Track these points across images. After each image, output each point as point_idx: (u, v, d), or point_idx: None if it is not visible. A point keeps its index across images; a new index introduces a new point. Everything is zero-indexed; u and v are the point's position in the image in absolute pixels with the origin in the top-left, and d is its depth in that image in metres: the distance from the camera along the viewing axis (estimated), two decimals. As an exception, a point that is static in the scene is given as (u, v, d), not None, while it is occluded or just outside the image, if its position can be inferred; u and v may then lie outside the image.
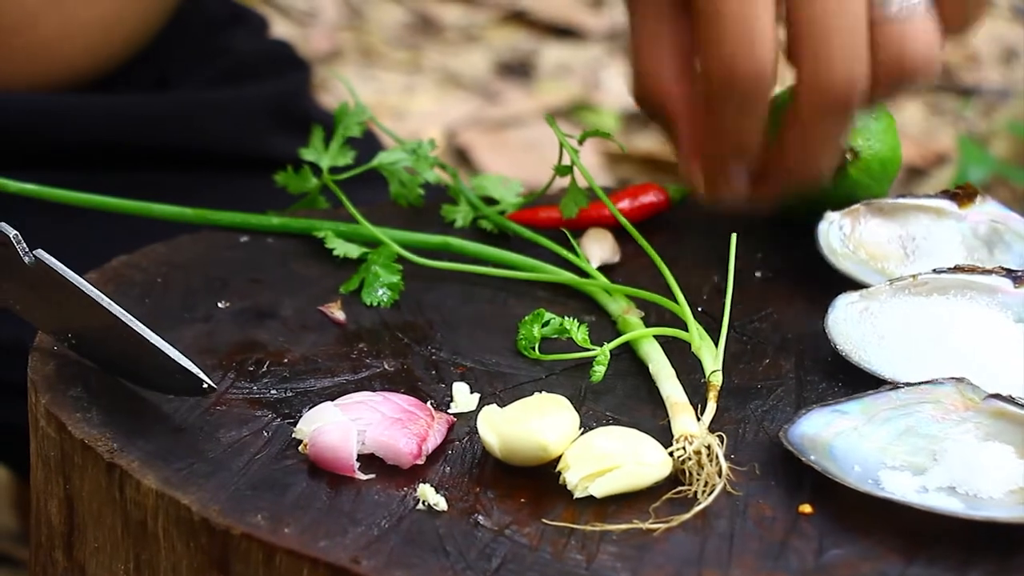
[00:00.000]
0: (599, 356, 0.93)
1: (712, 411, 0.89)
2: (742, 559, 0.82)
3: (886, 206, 1.06)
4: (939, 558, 0.83)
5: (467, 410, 0.92)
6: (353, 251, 1.05)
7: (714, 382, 0.92)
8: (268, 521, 0.83)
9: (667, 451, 0.87)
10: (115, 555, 0.88)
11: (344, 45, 3.08)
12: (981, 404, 0.90)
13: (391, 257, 1.03)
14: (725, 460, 0.86)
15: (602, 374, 0.93)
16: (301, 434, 0.89)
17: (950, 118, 2.89)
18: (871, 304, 0.99)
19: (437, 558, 0.82)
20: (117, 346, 0.92)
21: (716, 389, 0.91)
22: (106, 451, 0.88)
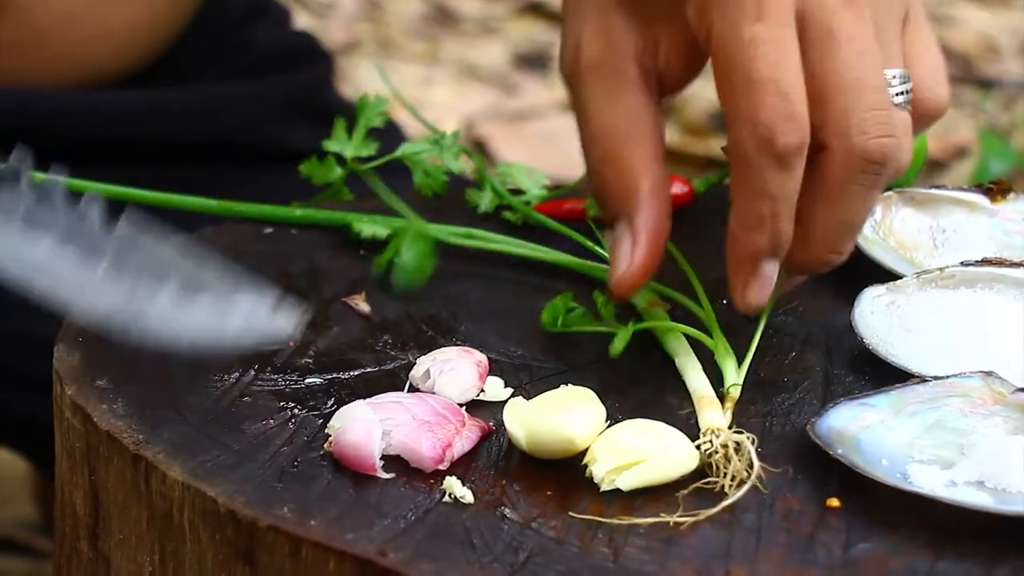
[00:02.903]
0: (621, 332, 0.92)
1: (728, 419, 0.89)
2: (769, 553, 0.82)
3: (918, 196, 1.06)
4: (968, 553, 0.83)
5: (497, 400, 0.92)
6: (381, 231, 1.05)
7: (732, 394, 0.91)
8: (294, 513, 0.83)
9: (694, 444, 0.87)
10: (140, 547, 0.88)
11: (362, 37, 3.08)
12: (1010, 398, 0.90)
13: (421, 233, 1.02)
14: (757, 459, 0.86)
15: (621, 348, 0.92)
16: (332, 430, 0.88)
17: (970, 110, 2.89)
18: (898, 297, 0.98)
19: (463, 551, 0.81)
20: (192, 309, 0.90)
21: (733, 401, 0.91)
22: (132, 442, 0.88)
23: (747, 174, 0.90)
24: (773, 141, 0.88)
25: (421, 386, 0.93)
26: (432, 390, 0.92)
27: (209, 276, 0.91)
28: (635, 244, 0.94)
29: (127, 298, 0.91)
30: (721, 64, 0.90)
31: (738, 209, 0.91)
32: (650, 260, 0.94)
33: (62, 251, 0.91)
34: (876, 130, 0.90)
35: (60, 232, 0.91)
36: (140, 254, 0.91)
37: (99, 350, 0.95)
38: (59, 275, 0.92)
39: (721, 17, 0.90)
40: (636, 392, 0.94)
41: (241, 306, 0.90)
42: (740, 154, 0.89)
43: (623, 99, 0.94)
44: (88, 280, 0.91)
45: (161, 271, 0.90)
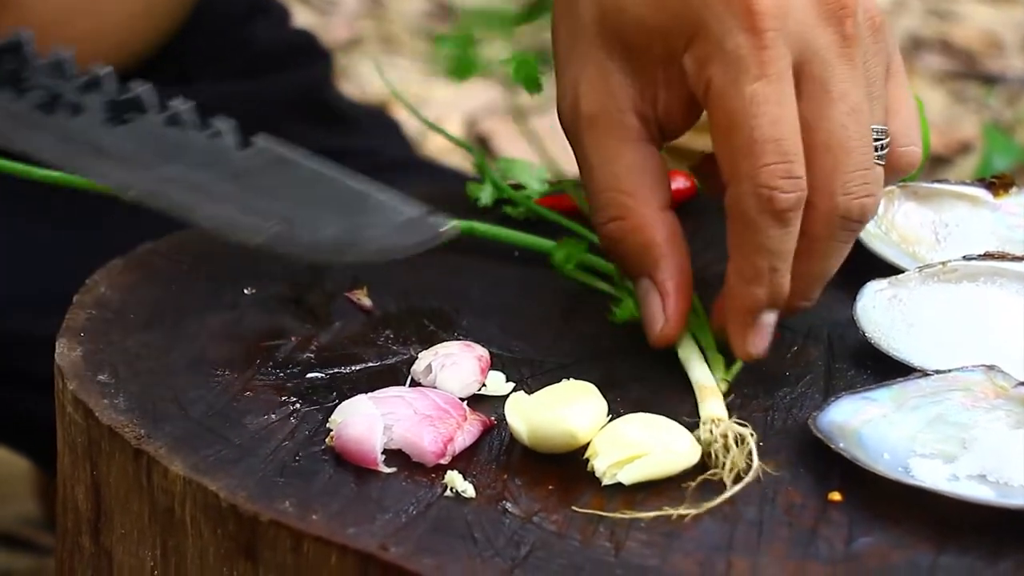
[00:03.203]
0: (627, 301, 0.93)
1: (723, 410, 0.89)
2: (771, 547, 0.82)
3: (921, 190, 1.06)
4: (970, 547, 0.83)
5: (498, 394, 0.92)
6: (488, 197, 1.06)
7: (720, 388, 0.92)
8: (296, 508, 0.83)
9: (694, 434, 0.87)
10: (142, 541, 0.88)
11: (364, 33, 3.08)
12: (1011, 391, 0.90)
13: None
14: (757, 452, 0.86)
15: (626, 315, 0.93)
16: (334, 424, 0.88)
17: (974, 106, 2.89)
18: (900, 291, 0.98)
19: (465, 545, 0.81)
20: (334, 219, 0.92)
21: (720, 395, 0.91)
22: (133, 437, 0.88)
23: (747, 231, 0.90)
24: (774, 200, 0.89)
25: (423, 380, 0.93)
26: (434, 384, 0.92)
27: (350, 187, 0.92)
28: (665, 300, 0.94)
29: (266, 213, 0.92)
30: (721, 121, 0.90)
31: (737, 264, 0.92)
32: (683, 309, 0.94)
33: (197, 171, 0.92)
34: (860, 190, 0.91)
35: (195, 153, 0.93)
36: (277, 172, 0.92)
37: (100, 345, 0.95)
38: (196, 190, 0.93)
39: (721, 73, 0.89)
40: (638, 386, 0.94)
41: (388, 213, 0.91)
42: (740, 211, 0.90)
43: (625, 153, 0.94)
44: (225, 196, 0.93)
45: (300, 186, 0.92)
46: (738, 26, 0.89)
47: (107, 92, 0.93)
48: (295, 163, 0.92)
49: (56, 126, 0.93)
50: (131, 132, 0.93)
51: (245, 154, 0.93)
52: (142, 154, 0.93)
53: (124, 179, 0.94)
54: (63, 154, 0.94)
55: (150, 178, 0.93)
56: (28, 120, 0.93)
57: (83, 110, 0.93)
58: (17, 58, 0.93)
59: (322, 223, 0.92)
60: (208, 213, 0.93)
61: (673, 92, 0.93)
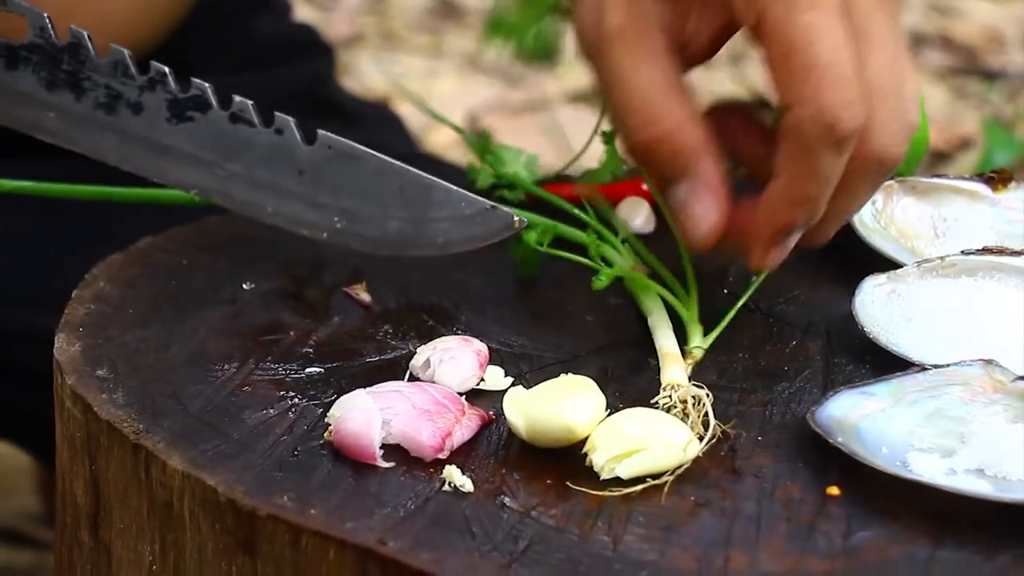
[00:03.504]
0: (604, 271, 0.94)
1: (687, 372, 0.91)
2: (769, 541, 0.82)
3: (920, 185, 1.06)
4: (968, 541, 0.83)
5: (497, 389, 0.92)
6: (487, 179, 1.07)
7: (694, 354, 0.93)
8: (294, 502, 0.83)
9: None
10: (141, 536, 0.88)
11: (366, 29, 3.08)
12: (1009, 386, 0.90)
13: None
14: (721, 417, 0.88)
15: (603, 285, 0.95)
16: (333, 419, 0.89)
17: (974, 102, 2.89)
18: (898, 286, 0.98)
19: (463, 539, 0.81)
20: (398, 212, 0.92)
21: (694, 360, 0.93)
22: (132, 432, 0.88)
23: (803, 155, 0.90)
24: (835, 126, 0.89)
25: (421, 375, 0.93)
26: (432, 379, 0.92)
27: (415, 180, 0.93)
28: (710, 198, 0.93)
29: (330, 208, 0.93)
30: (779, 49, 0.90)
31: (786, 185, 0.91)
32: (726, 209, 0.94)
33: (260, 168, 0.93)
34: (896, 137, 0.91)
35: (258, 150, 0.93)
36: (342, 166, 0.93)
37: (99, 340, 0.95)
38: (260, 187, 0.94)
39: (773, 3, 0.90)
40: (636, 381, 0.94)
41: (454, 205, 0.92)
42: (799, 136, 0.90)
43: (655, 63, 0.93)
44: (290, 192, 0.93)
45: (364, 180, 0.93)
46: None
47: (169, 90, 0.93)
48: (360, 157, 0.93)
49: (118, 126, 0.94)
50: (194, 130, 0.94)
51: (309, 150, 0.93)
52: (205, 152, 0.93)
53: (187, 178, 0.95)
54: (125, 154, 0.95)
55: (213, 176, 0.94)
56: (90, 120, 0.94)
57: (144, 109, 0.93)
58: (76, 59, 0.93)
59: (386, 217, 0.92)
60: (272, 210, 0.94)
61: (705, 19, 0.94)
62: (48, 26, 0.94)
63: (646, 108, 0.93)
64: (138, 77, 0.93)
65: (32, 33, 0.94)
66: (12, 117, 0.95)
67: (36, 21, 0.94)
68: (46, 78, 0.94)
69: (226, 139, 0.94)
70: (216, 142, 0.93)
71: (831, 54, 0.89)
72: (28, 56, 0.94)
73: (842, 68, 0.89)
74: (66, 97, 0.94)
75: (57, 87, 0.93)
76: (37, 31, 0.94)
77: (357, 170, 0.93)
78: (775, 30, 0.90)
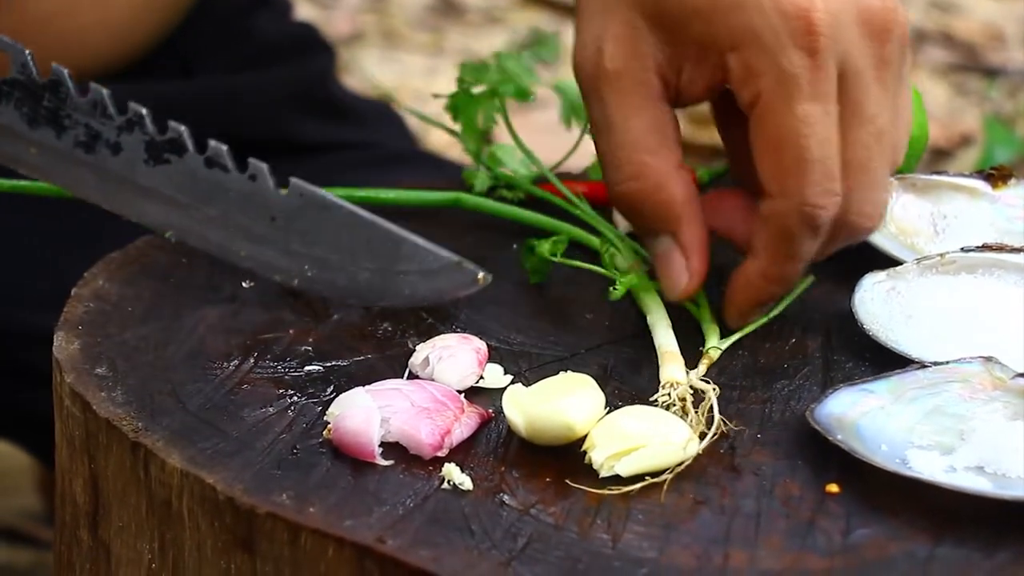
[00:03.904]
0: (622, 279, 0.94)
1: (702, 372, 0.90)
2: (769, 538, 0.82)
3: (919, 182, 1.06)
4: (967, 538, 0.83)
5: (496, 387, 0.92)
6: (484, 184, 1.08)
7: (711, 355, 0.93)
8: (293, 500, 0.83)
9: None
10: (140, 534, 0.88)
11: (366, 28, 3.08)
12: (1009, 383, 0.90)
13: None
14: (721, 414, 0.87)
15: (619, 296, 0.95)
16: (332, 417, 0.88)
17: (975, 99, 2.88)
18: (898, 283, 0.98)
19: (462, 537, 0.81)
20: (368, 263, 0.93)
21: (710, 361, 0.92)
22: (131, 430, 0.88)
23: (784, 241, 0.93)
24: (816, 218, 0.91)
25: (420, 373, 0.93)
26: (431, 377, 0.92)
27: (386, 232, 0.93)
28: (688, 257, 0.95)
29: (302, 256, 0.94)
30: (770, 137, 0.91)
31: (765, 266, 0.94)
32: (704, 265, 0.96)
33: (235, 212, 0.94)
34: (872, 211, 0.94)
35: (233, 195, 0.94)
36: (314, 214, 0.94)
37: (98, 338, 0.95)
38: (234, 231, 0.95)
39: (773, 88, 0.90)
40: (635, 378, 0.94)
41: (423, 259, 0.93)
42: (781, 224, 0.92)
43: (647, 111, 0.94)
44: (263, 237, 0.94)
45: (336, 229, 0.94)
46: (794, 44, 0.90)
47: (146, 132, 0.94)
48: (331, 206, 0.94)
49: (96, 165, 0.95)
50: (171, 172, 0.95)
51: (281, 196, 0.94)
52: (181, 195, 0.94)
53: (164, 219, 0.96)
54: (104, 193, 0.96)
55: (190, 218, 0.95)
56: (70, 158, 0.95)
57: (123, 149, 0.95)
58: (56, 96, 0.94)
59: (356, 267, 0.94)
60: (246, 254, 0.95)
61: (701, 71, 0.94)
62: (29, 62, 0.96)
63: (632, 161, 0.94)
64: (116, 117, 0.95)
65: (14, 69, 0.96)
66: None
67: (18, 57, 0.96)
68: (27, 114, 0.95)
69: (201, 183, 0.95)
70: (192, 185, 0.95)
71: (821, 148, 0.90)
72: (10, 91, 0.96)
73: (830, 162, 0.91)
74: (47, 134, 0.95)
75: (38, 123, 0.95)
76: (19, 67, 0.96)
77: (327, 219, 0.94)
78: (769, 117, 0.91)
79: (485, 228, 1.08)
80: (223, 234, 0.95)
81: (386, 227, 0.94)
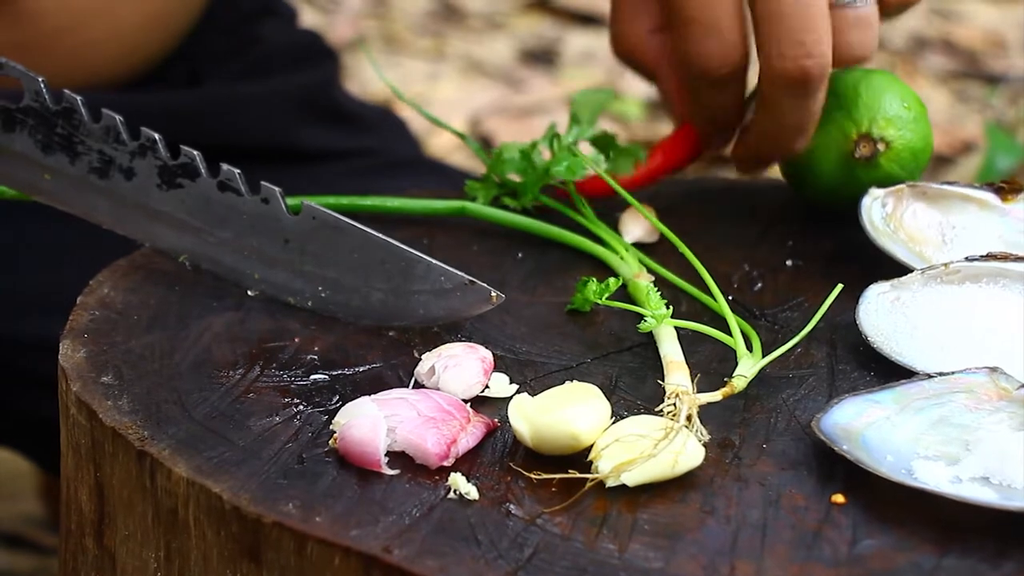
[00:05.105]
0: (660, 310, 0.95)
1: (715, 399, 0.89)
2: (775, 549, 0.82)
3: (930, 191, 1.05)
4: (973, 549, 0.83)
5: (502, 396, 0.92)
6: None
7: (736, 385, 0.91)
8: (299, 510, 0.83)
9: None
10: (145, 543, 0.88)
11: (368, 33, 3.08)
12: (1015, 393, 0.90)
13: None
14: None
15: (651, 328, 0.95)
16: (338, 426, 0.88)
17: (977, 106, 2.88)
18: (902, 294, 0.98)
19: (468, 547, 0.81)
20: (381, 283, 0.95)
21: (732, 391, 0.91)
22: (137, 439, 0.88)
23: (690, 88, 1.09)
24: (708, 71, 1.06)
25: (426, 382, 0.93)
26: (437, 386, 0.92)
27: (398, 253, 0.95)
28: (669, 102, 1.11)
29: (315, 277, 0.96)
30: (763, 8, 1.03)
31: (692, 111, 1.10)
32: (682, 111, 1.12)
33: (248, 235, 0.96)
34: (793, 52, 1.02)
35: (246, 218, 0.96)
36: (326, 236, 0.95)
37: (104, 347, 0.95)
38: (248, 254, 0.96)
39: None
40: (641, 387, 0.94)
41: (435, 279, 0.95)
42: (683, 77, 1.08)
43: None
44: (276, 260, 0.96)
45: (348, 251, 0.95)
46: None
47: (159, 157, 0.95)
48: (343, 229, 0.95)
49: (110, 190, 0.96)
50: (183, 196, 0.96)
51: (294, 219, 0.95)
52: (194, 219, 0.96)
53: (177, 242, 0.97)
54: (117, 218, 0.98)
55: (203, 242, 0.96)
56: (84, 183, 0.96)
57: (136, 174, 0.96)
58: (69, 123, 0.95)
59: (370, 288, 0.95)
60: (260, 276, 0.96)
61: None
62: (43, 90, 0.97)
63: (621, 23, 1.11)
64: (129, 143, 0.96)
65: (28, 96, 0.97)
66: (11, 178, 0.99)
67: (31, 85, 0.97)
68: (42, 141, 0.96)
69: (214, 206, 0.96)
70: (205, 209, 0.96)
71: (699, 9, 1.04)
72: (24, 119, 0.97)
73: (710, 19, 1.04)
74: (61, 160, 0.96)
75: (52, 150, 0.96)
76: (33, 95, 0.97)
77: (340, 241, 0.95)
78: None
79: (490, 236, 1.08)
80: (236, 257, 0.97)
81: (399, 248, 0.95)
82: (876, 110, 1.07)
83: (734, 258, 1.07)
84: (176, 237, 0.97)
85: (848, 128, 1.08)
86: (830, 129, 1.08)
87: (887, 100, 1.08)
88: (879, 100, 1.08)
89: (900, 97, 1.08)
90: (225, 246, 0.96)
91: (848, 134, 1.08)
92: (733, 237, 1.09)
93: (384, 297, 0.95)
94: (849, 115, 1.08)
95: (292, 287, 0.97)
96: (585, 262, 1.05)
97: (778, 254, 1.07)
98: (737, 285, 1.04)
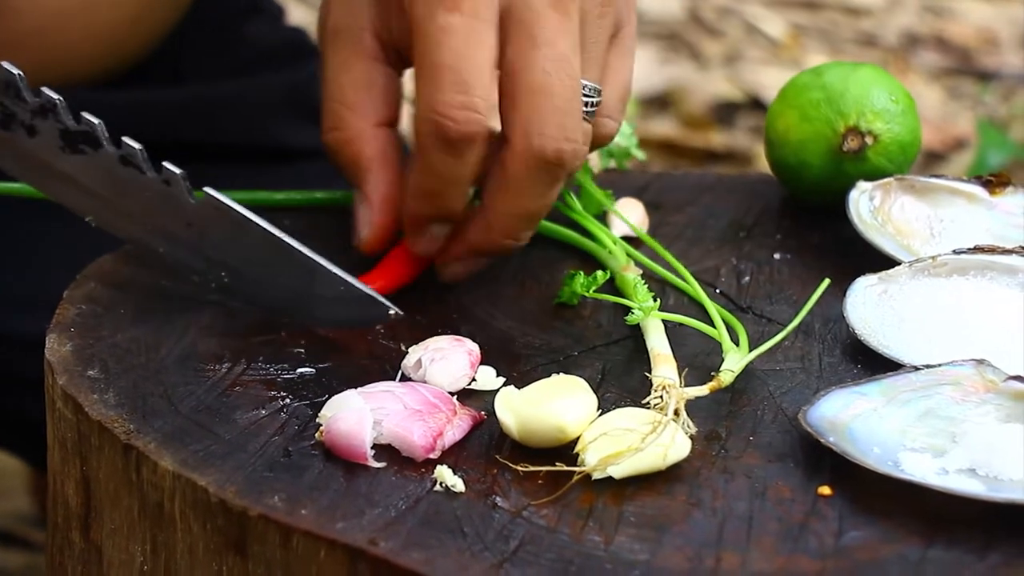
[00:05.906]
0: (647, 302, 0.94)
1: (702, 393, 0.89)
2: (761, 541, 0.82)
3: (918, 184, 1.06)
4: (959, 540, 0.83)
5: (488, 389, 0.92)
6: None
7: (722, 379, 0.91)
8: (285, 502, 0.83)
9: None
10: (132, 536, 0.88)
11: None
12: (1001, 385, 0.90)
13: None
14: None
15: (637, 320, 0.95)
16: (324, 419, 0.88)
17: (969, 102, 2.89)
18: (890, 287, 0.98)
19: (454, 539, 0.81)
20: (283, 281, 0.94)
21: (718, 385, 0.90)
22: (123, 432, 0.88)
23: (418, 152, 0.95)
24: (443, 128, 0.93)
25: (413, 375, 0.93)
26: (424, 379, 0.92)
27: (299, 255, 0.94)
28: (370, 209, 0.99)
29: (219, 263, 0.95)
30: (415, 48, 0.94)
31: (412, 179, 0.97)
32: (386, 221, 0.99)
33: (153, 212, 0.95)
34: (557, 133, 0.94)
35: (150, 195, 0.94)
36: (227, 227, 0.94)
37: (90, 340, 0.95)
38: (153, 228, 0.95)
39: (423, 4, 0.93)
40: (628, 380, 0.94)
41: (336, 286, 0.94)
42: (415, 133, 0.94)
43: (354, 67, 0.98)
44: (180, 239, 0.95)
45: (249, 245, 0.94)
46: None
47: (60, 120, 0.94)
48: (245, 224, 0.94)
49: (13, 144, 0.94)
50: (87, 163, 0.95)
51: (195, 205, 0.94)
52: (99, 186, 0.94)
53: (84, 206, 0.96)
54: (23, 171, 0.96)
55: (108, 210, 0.95)
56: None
57: (38, 133, 0.94)
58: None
59: (272, 284, 0.94)
60: (164, 251, 0.96)
61: (403, 22, 0.96)
62: None
63: (334, 112, 0.99)
64: (30, 100, 0.94)
65: None
66: None
67: None
68: None
69: (118, 179, 0.95)
70: (109, 179, 0.95)
71: (451, 56, 0.92)
72: None
73: (461, 73, 0.92)
74: None
75: None
76: None
77: (242, 236, 0.94)
78: (415, 30, 0.94)
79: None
80: (140, 229, 0.96)
81: (302, 253, 0.94)
82: (864, 104, 1.08)
83: (722, 252, 1.07)
84: (82, 199, 0.95)
85: (836, 122, 1.08)
86: (818, 123, 1.08)
87: (875, 94, 1.08)
88: (867, 94, 1.08)
89: (888, 91, 1.08)
90: (130, 217, 0.95)
91: (836, 128, 1.08)
92: (721, 231, 1.09)
93: (286, 296, 0.95)
94: (837, 109, 1.08)
95: (196, 267, 0.96)
96: (573, 256, 1.05)
97: (766, 247, 1.08)
98: (724, 279, 1.04)
